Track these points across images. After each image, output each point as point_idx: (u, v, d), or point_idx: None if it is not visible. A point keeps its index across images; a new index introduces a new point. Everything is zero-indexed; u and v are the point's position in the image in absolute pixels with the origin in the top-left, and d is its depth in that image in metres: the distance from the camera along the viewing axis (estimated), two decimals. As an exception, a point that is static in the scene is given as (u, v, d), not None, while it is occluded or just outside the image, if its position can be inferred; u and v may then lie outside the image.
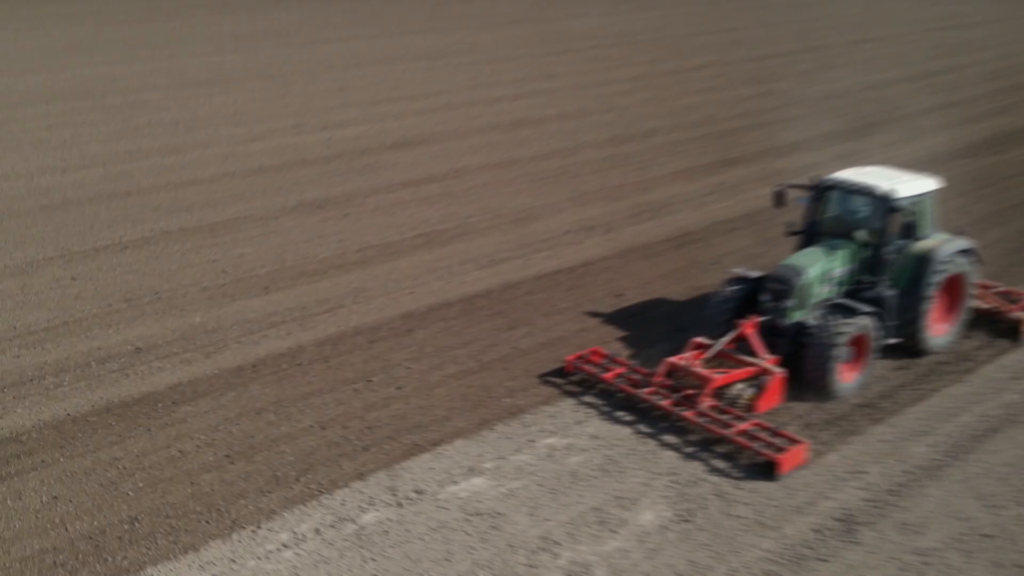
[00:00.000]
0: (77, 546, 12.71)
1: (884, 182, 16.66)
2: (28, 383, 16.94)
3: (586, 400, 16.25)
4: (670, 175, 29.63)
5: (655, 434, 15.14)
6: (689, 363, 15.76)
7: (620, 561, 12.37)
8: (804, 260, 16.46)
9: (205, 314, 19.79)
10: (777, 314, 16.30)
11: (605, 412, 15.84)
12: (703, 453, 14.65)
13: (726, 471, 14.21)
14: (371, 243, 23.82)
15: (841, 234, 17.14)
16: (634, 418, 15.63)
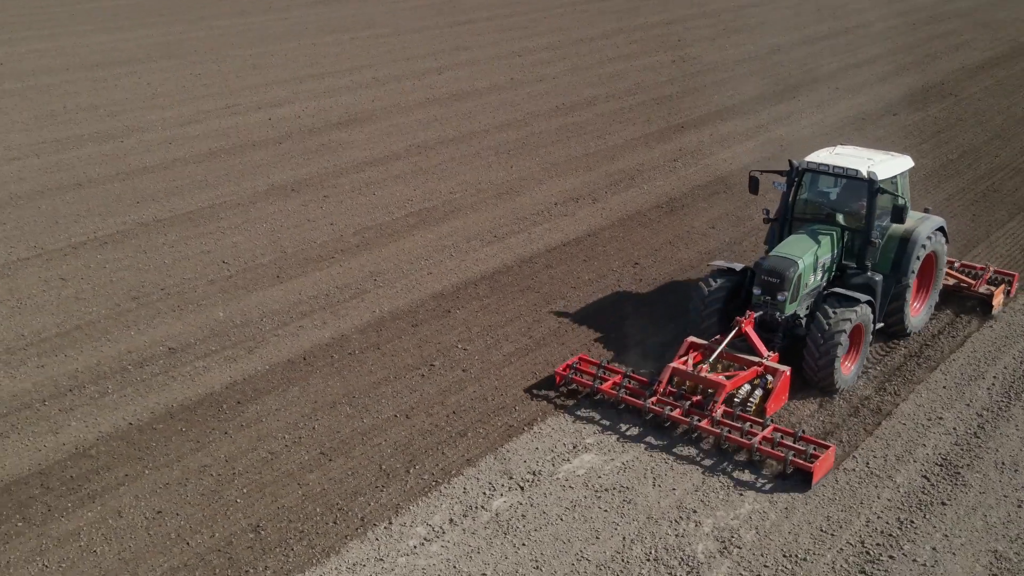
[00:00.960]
0: (209, 560, 12.10)
1: (864, 163, 15.97)
2: (68, 394, 15.84)
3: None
4: (628, 143, 30.04)
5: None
6: (696, 368, 14.81)
7: (761, 522, 12.74)
8: (794, 249, 15.60)
9: (225, 308, 18.93)
10: (771, 308, 15.49)
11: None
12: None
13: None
14: (365, 225, 23.24)
15: (822, 219, 16.47)
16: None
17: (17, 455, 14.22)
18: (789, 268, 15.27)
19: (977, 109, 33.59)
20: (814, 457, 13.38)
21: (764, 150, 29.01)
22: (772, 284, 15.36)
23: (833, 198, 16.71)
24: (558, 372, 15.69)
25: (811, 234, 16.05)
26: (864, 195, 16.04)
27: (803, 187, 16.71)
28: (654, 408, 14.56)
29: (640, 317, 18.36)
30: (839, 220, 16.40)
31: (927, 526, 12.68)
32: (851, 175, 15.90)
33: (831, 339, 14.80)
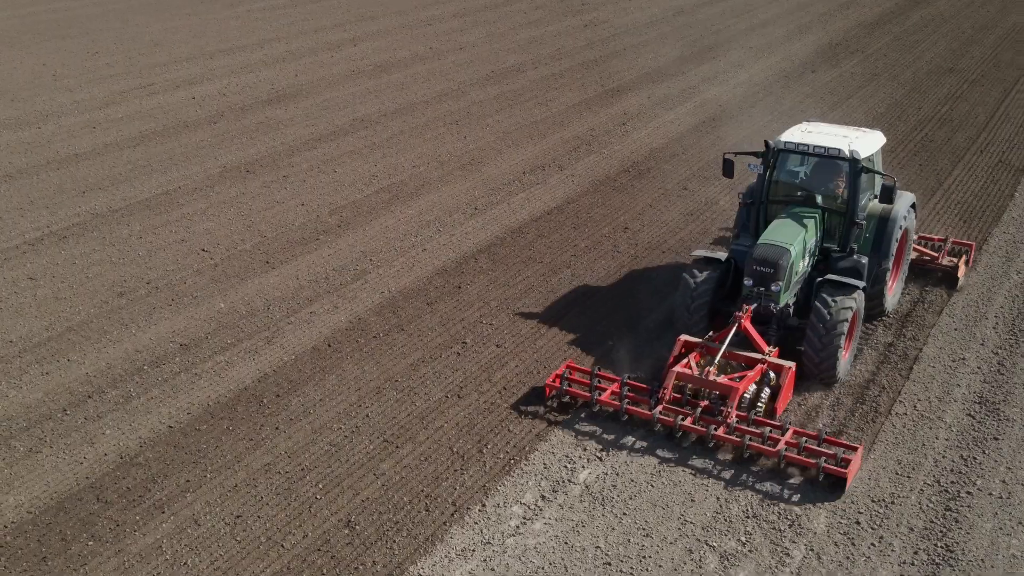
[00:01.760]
0: (312, 561, 11.64)
1: (843, 141, 15.23)
2: (88, 400, 14.83)
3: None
4: (571, 109, 30.08)
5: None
6: (703, 371, 13.87)
7: (841, 471, 13.15)
8: (783, 235, 14.74)
9: (224, 298, 18.05)
10: (766, 300, 14.61)
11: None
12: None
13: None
14: (338, 204, 22.53)
15: (800, 201, 15.67)
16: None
17: (58, 470, 13.23)
18: (782, 256, 14.38)
19: (887, 64, 35.15)
20: (845, 462, 12.71)
21: (705, 110, 29.60)
22: (765, 274, 14.44)
23: (811, 179, 15.92)
24: (548, 384, 14.43)
25: (795, 218, 15.19)
26: (845, 174, 15.33)
27: (779, 168, 15.75)
28: (664, 419, 13.53)
29: (649, 282, 18.51)
30: (819, 202, 15.55)
31: (989, 461, 13.38)
32: (833, 154, 15.08)
33: (833, 329, 14.10)
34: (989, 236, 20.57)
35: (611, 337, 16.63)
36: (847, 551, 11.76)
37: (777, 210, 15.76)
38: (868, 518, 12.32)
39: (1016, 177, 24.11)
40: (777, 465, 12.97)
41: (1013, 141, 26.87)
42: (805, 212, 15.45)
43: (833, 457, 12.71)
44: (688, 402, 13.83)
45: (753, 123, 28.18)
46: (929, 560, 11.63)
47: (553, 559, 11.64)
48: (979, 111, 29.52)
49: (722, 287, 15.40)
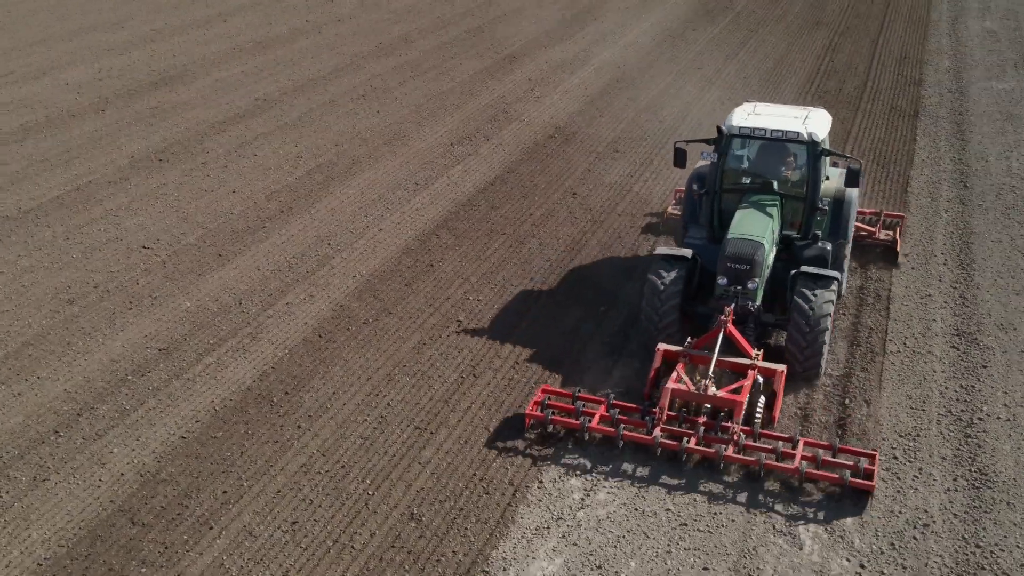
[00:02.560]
0: (388, 558, 11.28)
1: (798, 123, 14.54)
2: (79, 419, 13.73)
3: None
4: (474, 78, 29.78)
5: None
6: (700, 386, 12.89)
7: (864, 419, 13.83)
8: (752, 228, 13.99)
9: (186, 297, 17.02)
10: (743, 298, 13.87)
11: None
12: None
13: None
14: (271, 189, 21.56)
15: (756, 188, 14.90)
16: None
17: (75, 497, 12.19)
18: (756, 251, 13.67)
19: (759, 20, 36.54)
20: (869, 472, 12.12)
21: (607, 73, 29.97)
22: (740, 272, 13.71)
23: (761, 164, 15.16)
24: (528, 414, 13.13)
25: (758, 208, 14.43)
26: (803, 158, 14.69)
27: (730, 154, 14.96)
28: (668, 444, 12.47)
29: (620, 242, 18.76)
30: (776, 188, 14.77)
31: (986, 388, 14.37)
32: (791, 138, 14.35)
33: (817, 325, 13.46)
34: (909, 179, 21.85)
35: (602, 303, 16.73)
36: (896, 486, 12.38)
37: (731, 199, 14.90)
38: (902, 452, 13.01)
39: (911, 121, 25.69)
40: (798, 482, 12.15)
41: (895, 88, 28.58)
42: (765, 200, 14.63)
43: (855, 468, 12.05)
44: (685, 419, 12.80)
45: (657, 82, 28.80)
46: (969, 485, 12.41)
47: (629, 526, 11.72)
48: (857, 61, 31.19)
49: (688, 287, 14.48)
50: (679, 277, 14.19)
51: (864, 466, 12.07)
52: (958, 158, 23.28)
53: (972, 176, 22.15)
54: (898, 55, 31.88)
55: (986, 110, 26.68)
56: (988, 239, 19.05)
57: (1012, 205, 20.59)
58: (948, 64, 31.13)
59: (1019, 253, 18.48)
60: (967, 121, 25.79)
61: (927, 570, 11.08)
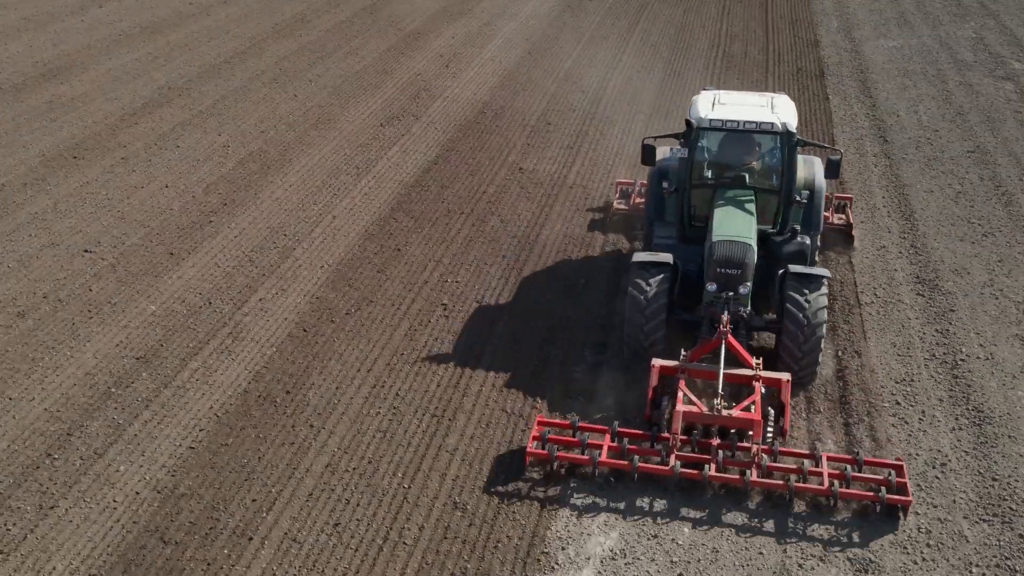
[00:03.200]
0: (445, 550, 11.10)
1: (767, 113, 13.92)
2: (70, 439, 12.88)
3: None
4: (384, 56, 29.17)
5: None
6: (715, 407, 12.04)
7: (857, 361, 14.42)
8: (737, 229, 13.26)
9: (148, 300, 16.12)
10: (734, 304, 13.10)
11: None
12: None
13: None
14: (206, 181, 20.60)
15: (727, 183, 14.15)
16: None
17: (92, 521, 11.45)
18: (746, 253, 12.95)
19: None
20: (901, 485, 11.51)
21: (516, 45, 29.93)
22: (731, 276, 12.97)
23: (737, 157, 14.38)
24: (530, 452, 12.03)
25: (736, 205, 13.74)
26: (776, 149, 14.07)
27: (703, 148, 14.34)
28: (689, 473, 11.59)
29: (582, 215, 18.90)
30: (748, 181, 14.10)
31: (959, 331, 15.23)
32: (765, 129, 13.67)
33: (813, 331, 12.79)
34: (834, 138, 22.77)
35: (582, 276, 16.81)
36: (907, 430, 13.01)
37: (699, 195, 14.25)
38: (903, 398, 13.66)
39: (819, 81, 26.76)
40: (829, 503, 11.49)
41: (795, 49, 29.70)
42: (740, 195, 13.91)
43: (885, 483, 11.48)
44: (697, 443, 12.04)
45: (569, 53, 29.03)
46: (970, 423, 13.16)
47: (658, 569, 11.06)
48: (753, 25, 32.22)
49: (671, 294, 13.63)
50: (663, 288, 13.18)
51: (895, 479, 11.45)
52: (871, 115, 24.40)
53: (889, 131, 23.27)
54: (789, 18, 33.08)
55: (884, 67, 28.03)
56: (920, 190, 20.08)
57: (932, 156, 21.76)
58: (837, 24, 32.51)
59: (951, 201, 19.57)
60: (870, 79, 27.03)
61: (956, 507, 11.70)
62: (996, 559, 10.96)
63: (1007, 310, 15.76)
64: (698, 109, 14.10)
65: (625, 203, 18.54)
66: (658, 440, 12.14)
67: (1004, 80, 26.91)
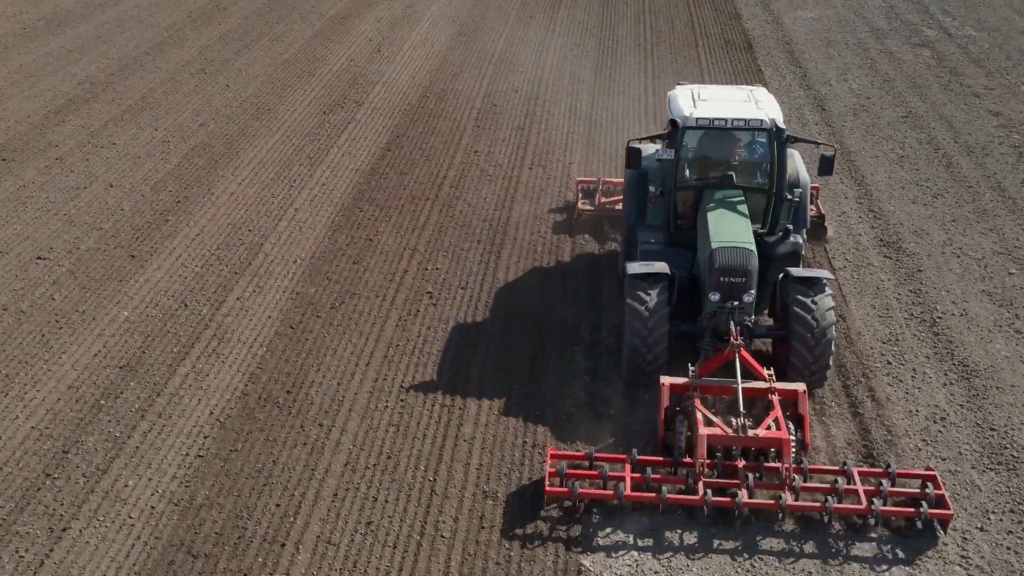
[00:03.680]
0: (484, 539, 11.02)
1: (753, 109, 13.35)
2: (67, 457, 12.24)
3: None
4: (312, 41, 28.43)
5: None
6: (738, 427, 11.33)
7: (843, 325, 14.88)
8: (736, 234, 12.62)
9: (120, 306, 15.41)
10: (739, 313, 12.44)
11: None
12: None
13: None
14: (153, 179, 19.78)
15: (714, 183, 13.48)
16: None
17: (112, 541, 10.93)
18: (749, 260, 12.32)
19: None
20: (940, 498, 10.98)
21: (445, 27, 29.67)
22: (736, 285, 12.31)
23: (724, 156, 13.75)
24: (549, 491, 11.16)
25: (728, 207, 13.10)
26: (766, 146, 13.44)
27: (688, 148, 13.61)
28: (721, 501, 10.89)
29: (547, 196, 18.95)
30: (736, 181, 13.45)
31: (930, 290, 15.88)
32: (754, 126, 13.08)
33: (824, 335, 12.32)
34: (775, 107, 23.31)
35: (556, 254, 16.81)
36: (903, 388, 13.52)
37: (686, 198, 13.68)
38: (892, 357, 14.18)
39: (748, 54, 27.37)
40: (868, 523, 10.93)
41: (719, 22, 30.33)
42: (730, 196, 13.28)
43: (923, 496, 11.00)
44: (723, 466, 11.32)
45: (499, 33, 29.01)
46: (959, 377, 13.76)
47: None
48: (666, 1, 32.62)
49: (670, 306, 12.83)
50: (664, 299, 12.52)
51: (934, 492, 10.97)
52: (805, 84, 25.11)
53: (825, 100, 23.99)
54: (706, -10, 33.59)
55: (806, 38, 28.85)
56: (866, 156, 20.78)
57: (870, 123, 22.54)
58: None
59: (896, 166, 20.32)
60: (796, 50, 27.78)
61: (963, 458, 12.22)
62: (1009, 505, 11.48)
63: (970, 267, 16.48)
64: (680, 107, 13.50)
65: (590, 203, 17.50)
66: (680, 465, 11.37)
67: (921, 47, 28.02)
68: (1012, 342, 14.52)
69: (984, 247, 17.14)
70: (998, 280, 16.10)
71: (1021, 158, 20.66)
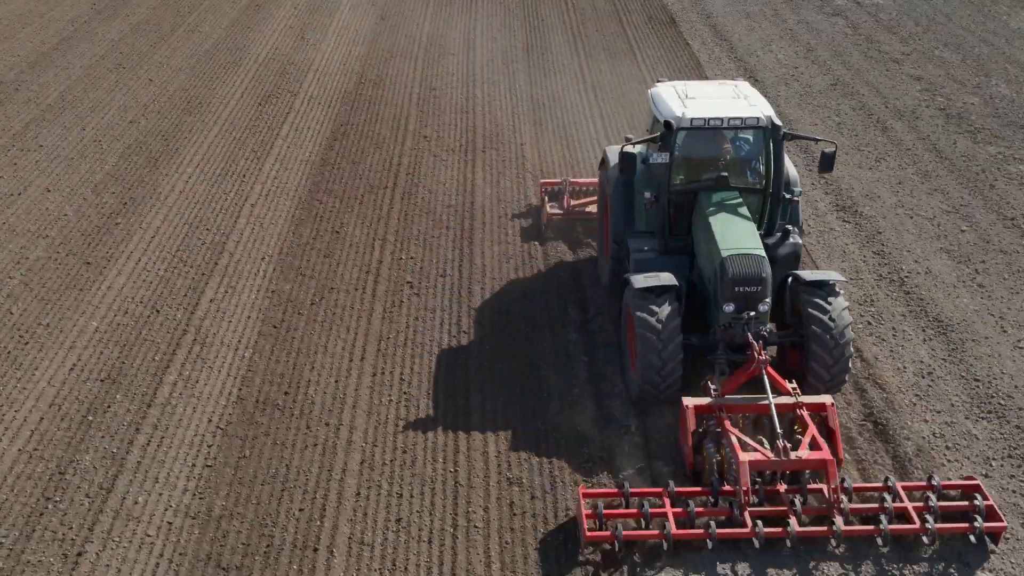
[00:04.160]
0: (519, 525, 11.02)
1: (747, 106, 12.79)
2: (64, 478, 11.64)
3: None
4: (231, 30, 27.44)
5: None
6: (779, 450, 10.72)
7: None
8: (744, 240, 12.12)
9: (87, 317, 14.70)
10: (756, 324, 11.89)
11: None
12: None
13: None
14: (92, 180, 18.86)
15: (709, 185, 12.93)
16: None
17: (131, 562, 10.50)
18: (763, 267, 11.82)
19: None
20: (990, 509, 10.53)
21: (365, 12, 29.08)
22: (751, 295, 11.78)
23: (717, 156, 13.26)
24: (590, 536, 10.36)
25: (730, 210, 12.58)
26: (761, 145, 12.93)
27: (681, 150, 12.91)
28: (774, 532, 10.23)
29: (504, 178, 18.87)
30: (732, 182, 12.94)
31: (892, 251, 16.49)
32: (751, 124, 12.55)
33: (842, 336, 11.90)
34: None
35: (529, 232, 16.79)
36: (888, 347, 14.03)
37: (680, 202, 13.04)
38: (872, 318, 14.70)
39: (673, 29, 27.76)
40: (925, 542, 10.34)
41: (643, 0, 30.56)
42: (728, 199, 12.73)
43: (973, 509, 10.53)
44: (766, 493, 10.70)
45: (421, 16, 28.75)
46: (936, 332, 14.39)
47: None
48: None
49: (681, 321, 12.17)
50: (675, 309, 11.93)
51: (983, 503, 10.52)
52: (733, 56, 25.64)
53: (755, 71, 24.55)
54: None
55: (725, 11, 29.42)
56: (806, 124, 21.38)
57: (802, 92, 23.20)
58: (666, -28, 33.59)
59: (836, 132, 20.97)
60: (718, 23, 28.32)
61: (956, 409, 12.78)
62: (1006, 451, 12.08)
63: (924, 227, 17.18)
64: (670, 107, 12.80)
65: (558, 206, 16.62)
66: (721, 495, 10.68)
67: (834, 16, 28.93)
68: (977, 296, 15.20)
69: (933, 206, 17.86)
70: (952, 238, 16.82)
71: (949, 120, 21.58)
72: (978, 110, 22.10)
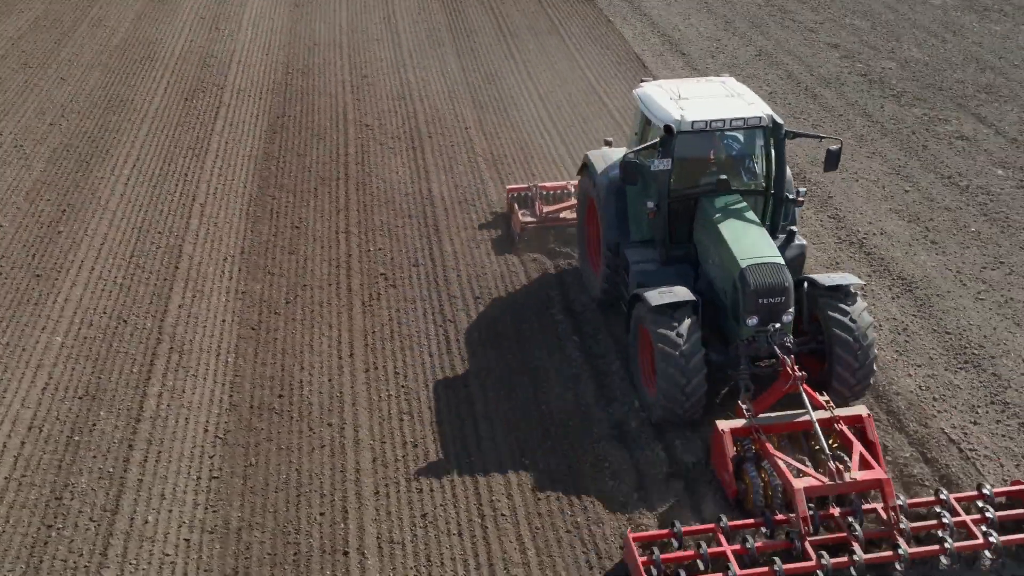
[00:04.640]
0: (546, 509, 11.01)
1: (745, 106, 12.40)
2: (61, 503, 11.06)
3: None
4: (137, 25, 26.36)
5: None
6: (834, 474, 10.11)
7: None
8: (760, 248, 11.66)
9: (48, 332, 13.98)
10: (779, 335, 11.33)
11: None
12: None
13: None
14: (21, 188, 17.88)
15: (709, 190, 12.46)
16: None
17: (156, 583, 10.07)
18: (784, 276, 11.35)
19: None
20: None
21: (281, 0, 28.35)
22: (775, 306, 11.28)
23: (717, 158, 12.88)
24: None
25: (737, 216, 12.08)
26: (763, 145, 12.55)
27: (681, 153, 12.28)
28: (842, 562, 9.60)
29: (457, 164, 18.74)
30: (734, 185, 12.51)
31: (846, 214, 17.09)
32: (753, 124, 12.13)
33: (866, 340, 11.55)
34: (642, 60, 24.02)
35: (497, 216, 16.73)
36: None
37: (680, 209, 12.54)
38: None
39: (593, 7, 27.91)
40: (989, 556, 9.82)
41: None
42: (732, 204, 12.27)
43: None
44: (822, 519, 10.11)
45: (332, 1, 28.00)
46: (902, 291, 14.99)
47: None
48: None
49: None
50: (695, 325, 11.36)
51: None
52: (657, 31, 26.03)
53: (680, 44, 24.98)
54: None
55: (639, -13, 29.70)
56: (740, 95, 21.80)
57: (729, 64, 23.69)
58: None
59: (769, 101, 21.29)
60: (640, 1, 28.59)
61: (935, 362, 13.35)
62: (988, 397, 12.69)
63: (871, 190, 17.83)
64: (666, 110, 12.26)
65: (531, 214, 15.77)
66: (776, 525, 10.08)
67: (744, -13, 29.56)
68: (932, 252, 15.88)
69: (875, 169, 18.55)
70: (899, 199, 17.51)
71: (872, 85, 22.40)
72: (896, 74, 23.00)
